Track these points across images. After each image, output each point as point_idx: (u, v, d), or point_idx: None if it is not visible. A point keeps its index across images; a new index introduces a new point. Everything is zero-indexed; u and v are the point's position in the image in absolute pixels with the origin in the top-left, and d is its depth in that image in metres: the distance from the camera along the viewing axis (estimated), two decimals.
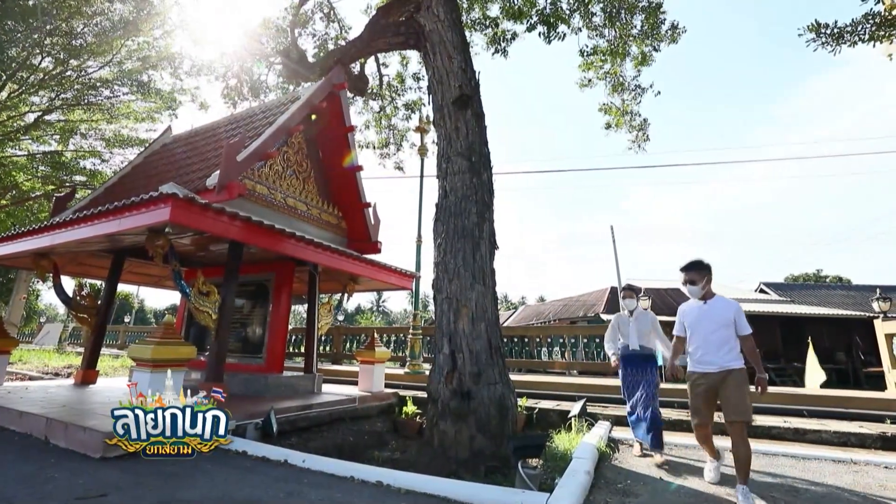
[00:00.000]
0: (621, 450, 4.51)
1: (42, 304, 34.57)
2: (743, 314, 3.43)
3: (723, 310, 3.44)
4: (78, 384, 7.06)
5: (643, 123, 9.20)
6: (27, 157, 9.97)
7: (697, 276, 3.49)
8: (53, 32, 8.16)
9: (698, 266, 3.52)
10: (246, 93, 10.60)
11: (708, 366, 3.39)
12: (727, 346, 3.36)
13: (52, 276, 7.52)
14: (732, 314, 3.41)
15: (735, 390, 3.25)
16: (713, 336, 3.40)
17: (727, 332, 3.38)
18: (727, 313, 3.41)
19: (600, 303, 22.14)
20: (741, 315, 3.42)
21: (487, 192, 5.25)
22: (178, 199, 4.45)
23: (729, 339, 3.37)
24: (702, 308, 3.52)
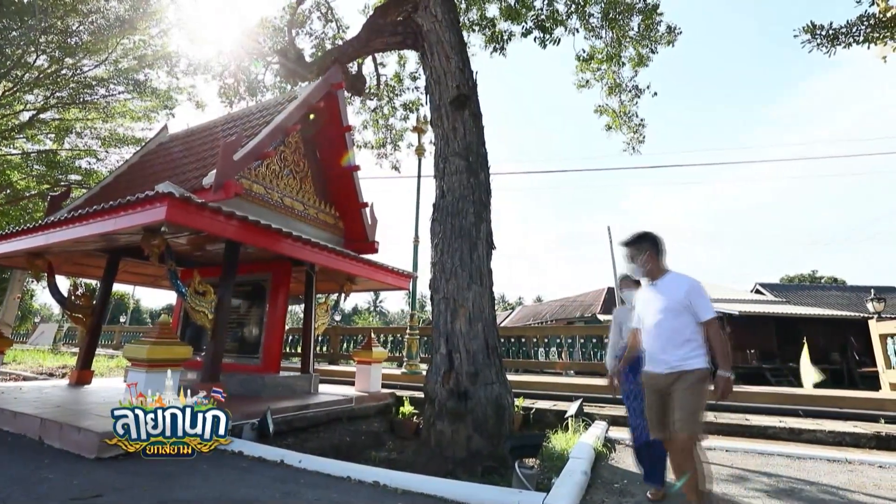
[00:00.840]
0: (618, 450, 4.52)
1: (37, 303, 34.36)
2: (703, 293, 2.61)
3: (672, 289, 2.66)
4: (73, 384, 7.02)
5: (640, 125, 9.23)
6: (22, 155, 9.91)
7: (634, 250, 2.83)
8: (49, 30, 8.11)
9: (635, 239, 2.85)
10: (243, 92, 10.57)
11: (655, 365, 2.68)
12: (679, 337, 2.58)
13: (47, 276, 7.47)
14: (684, 293, 2.60)
15: (682, 395, 2.51)
16: (658, 325, 2.66)
17: (679, 319, 2.60)
18: (677, 293, 2.62)
19: (597, 303, 22.21)
20: (699, 294, 2.60)
21: (485, 193, 5.25)
22: (174, 198, 4.43)
23: (682, 329, 2.58)
24: (649, 289, 2.83)
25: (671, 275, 2.78)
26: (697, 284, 2.65)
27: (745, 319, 17.62)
